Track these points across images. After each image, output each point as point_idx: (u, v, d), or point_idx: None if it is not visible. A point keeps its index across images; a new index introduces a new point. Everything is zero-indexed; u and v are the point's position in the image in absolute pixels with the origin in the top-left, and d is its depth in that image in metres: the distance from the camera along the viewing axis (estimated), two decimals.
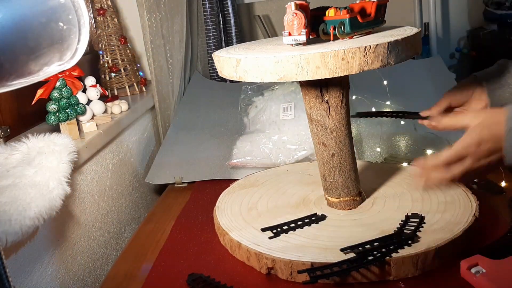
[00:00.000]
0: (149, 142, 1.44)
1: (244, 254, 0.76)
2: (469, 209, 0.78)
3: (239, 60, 0.68)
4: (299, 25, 0.66)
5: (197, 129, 1.35)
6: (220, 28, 1.67)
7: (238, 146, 1.18)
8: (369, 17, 0.73)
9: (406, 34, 0.68)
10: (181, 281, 0.74)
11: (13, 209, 0.69)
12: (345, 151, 0.80)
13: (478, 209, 0.78)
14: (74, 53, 0.38)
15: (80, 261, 0.96)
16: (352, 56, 0.63)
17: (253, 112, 1.25)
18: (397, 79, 1.23)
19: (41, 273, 0.83)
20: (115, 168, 1.17)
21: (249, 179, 1.03)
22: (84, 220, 1.00)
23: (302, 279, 0.69)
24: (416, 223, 0.74)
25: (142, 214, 1.30)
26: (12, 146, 0.85)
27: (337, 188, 0.83)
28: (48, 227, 0.86)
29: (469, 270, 0.65)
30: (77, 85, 1.03)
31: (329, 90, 0.76)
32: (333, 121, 0.77)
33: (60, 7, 0.36)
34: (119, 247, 1.14)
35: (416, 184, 0.85)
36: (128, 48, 1.45)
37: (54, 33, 0.36)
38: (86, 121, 1.06)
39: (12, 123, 1.02)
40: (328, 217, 0.82)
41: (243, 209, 0.88)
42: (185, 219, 0.96)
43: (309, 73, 0.64)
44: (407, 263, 0.67)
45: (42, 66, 0.36)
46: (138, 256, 0.86)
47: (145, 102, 1.42)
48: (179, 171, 1.18)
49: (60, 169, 0.81)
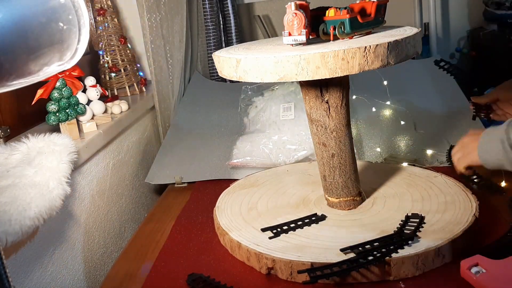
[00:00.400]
0: (149, 142, 1.44)
1: (244, 254, 0.76)
2: (469, 209, 0.78)
3: (239, 60, 0.68)
4: (299, 25, 0.66)
5: (197, 129, 1.35)
6: (220, 28, 1.67)
7: (238, 146, 1.18)
8: (369, 17, 0.73)
9: (406, 34, 0.68)
10: (181, 281, 0.74)
11: (13, 209, 0.69)
12: (345, 151, 0.80)
13: (478, 209, 0.78)
14: (74, 53, 0.38)
15: (80, 261, 0.96)
16: (352, 56, 0.63)
17: (253, 112, 1.25)
18: (397, 79, 1.23)
19: (41, 273, 0.83)
20: (115, 168, 1.17)
21: (249, 179, 1.03)
22: (84, 220, 1.00)
23: (302, 279, 0.69)
24: (416, 223, 0.74)
25: (142, 214, 1.30)
26: (12, 146, 0.85)
27: (337, 188, 0.83)
28: (48, 227, 0.86)
29: (469, 270, 0.65)
30: (77, 85, 1.03)
31: (329, 90, 0.76)
32: (333, 121, 0.77)
33: (60, 7, 0.36)
34: (119, 247, 1.14)
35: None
36: (128, 48, 1.45)
37: (54, 33, 0.36)
38: (86, 121, 1.06)
39: (12, 123, 1.02)
40: (328, 217, 0.82)
41: (243, 209, 0.88)
42: (185, 219, 0.96)
43: (309, 73, 0.64)
44: (407, 263, 0.67)
45: (42, 66, 0.36)
46: (138, 256, 0.86)
47: (145, 102, 1.42)
48: (179, 171, 1.18)
49: (60, 169, 0.81)
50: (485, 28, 1.72)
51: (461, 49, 1.84)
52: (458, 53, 1.86)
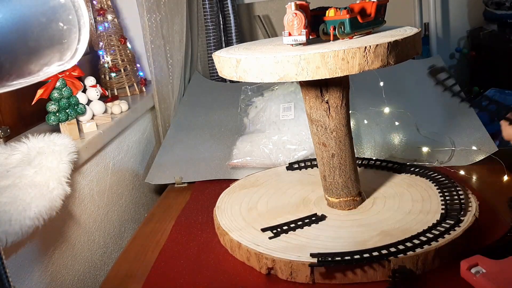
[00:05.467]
0: (149, 142, 1.44)
1: (244, 254, 0.76)
2: (469, 209, 0.78)
3: (239, 60, 0.68)
4: (299, 25, 0.66)
5: (197, 129, 1.35)
6: (220, 28, 1.68)
7: (238, 146, 1.18)
8: (369, 17, 0.73)
9: (406, 34, 0.68)
10: (181, 281, 0.74)
11: (13, 209, 0.69)
12: (345, 151, 0.80)
13: (478, 209, 0.78)
14: (74, 53, 0.38)
15: (80, 261, 0.96)
16: (352, 56, 0.63)
17: (253, 113, 1.25)
18: (397, 79, 1.23)
19: (41, 273, 0.83)
20: (115, 168, 1.17)
21: (249, 179, 1.03)
22: (84, 220, 1.00)
23: (302, 279, 0.69)
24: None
25: (142, 214, 1.30)
26: (12, 146, 0.85)
27: (337, 188, 0.83)
28: (48, 227, 0.86)
29: (469, 270, 0.65)
30: (77, 85, 1.03)
31: (329, 90, 0.76)
32: (333, 121, 0.77)
33: (60, 7, 0.36)
34: (119, 247, 1.14)
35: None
36: (128, 48, 1.45)
37: (54, 33, 0.36)
38: (86, 121, 1.06)
39: (12, 123, 1.02)
40: (328, 217, 0.82)
41: (243, 209, 0.88)
42: (185, 219, 0.96)
43: (309, 73, 0.64)
44: (407, 263, 0.67)
45: (42, 66, 0.36)
46: (138, 256, 0.86)
47: (145, 102, 1.42)
48: (179, 171, 1.18)
49: (60, 169, 0.81)
50: (485, 28, 1.72)
51: (461, 49, 1.84)
52: (458, 53, 1.86)
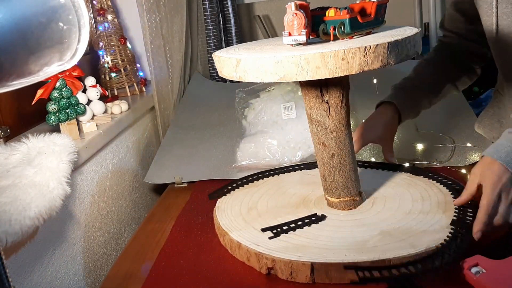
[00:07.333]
0: (149, 142, 1.44)
1: (244, 254, 0.76)
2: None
3: (239, 60, 0.68)
4: (299, 25, 0.66)
5: (197, 129, 1.35)
6: (220, 28, 1.68)
7: (242, 148, 1.17)
8: (369, 17, 0.73)
9: (406, 34, 0.68)
10: (181, 281, 0.74)
11: (13, 209, 0.69)
12: (345, 151, 0.80)
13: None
14: (74, 53, 0.38)
15: (80, 261, 0.96)
16: (352, 56, 0.63)
17: (252, 114, 1.25)
18: (397, 79, 1.23)
19: (41, 273, 0.83)
20: (115, 168, 1.17)
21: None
22: (84, 220, 1.00)
23: (302, 279, 0.69)
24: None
25: (142, 214, 1.30)
26: (12, 146, 0.85)
27: (337, 188, 0.83)
28: (48, 227, 0.86)
29: (469, 270, 0.65)
30: (77, 85, 1.03)
31: (329, 90, 0.76)
32: (333, 121, 0.77)
33: (60, 7, 0.36)
34: (119, 247, 1.14)
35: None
36: (128, 48, 1.45)
37: (54, 33, 0.36)
38: (86, 121, 1.06)
39: (12, 123, 1.02)
40: (328, 217, 0.82)
41: (243, 209, 0.88)
42: (185, 219, 0.96)
43: (309, 73, 0.64)
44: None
45: (42, 66, 0.36)
46: (138, 256, 0.86)
47: (145, 102, 1.42)
48: (179, 171, 1.17)
49: (60, 169, 0.81)
50: None
51: None
52: None
